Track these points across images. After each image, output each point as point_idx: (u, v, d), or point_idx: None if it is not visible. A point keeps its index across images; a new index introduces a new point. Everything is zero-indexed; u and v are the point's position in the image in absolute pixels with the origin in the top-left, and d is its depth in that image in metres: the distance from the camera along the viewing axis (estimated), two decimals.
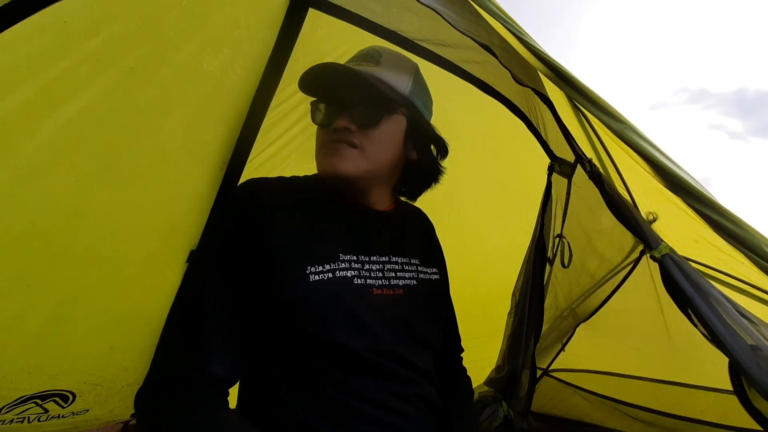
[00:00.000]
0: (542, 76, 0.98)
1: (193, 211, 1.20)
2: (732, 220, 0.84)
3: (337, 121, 0.72)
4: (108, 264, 1.12)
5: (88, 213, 1.00)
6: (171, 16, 0.88)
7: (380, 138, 0.75)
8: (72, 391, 1.27)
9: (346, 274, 0.70)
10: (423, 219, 0.96)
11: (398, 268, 0.77)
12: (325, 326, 0.66)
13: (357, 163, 0.72)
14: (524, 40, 0.83)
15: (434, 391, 0.77)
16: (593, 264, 1.46)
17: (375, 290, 0.72)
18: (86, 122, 0.87)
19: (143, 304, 1.28)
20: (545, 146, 1.20)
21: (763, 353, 0.81)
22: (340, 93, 0.74)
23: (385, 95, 0.73)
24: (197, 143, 1.10)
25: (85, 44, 0.80)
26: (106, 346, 1.26)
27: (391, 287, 0.74)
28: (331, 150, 0.72)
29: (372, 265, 0.73)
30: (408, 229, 0.85)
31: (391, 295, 0.73)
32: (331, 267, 0.69)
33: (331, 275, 0.68)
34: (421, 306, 0.77)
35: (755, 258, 0.85)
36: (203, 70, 0.98)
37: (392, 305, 0.72)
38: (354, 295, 0.69)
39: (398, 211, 0.86)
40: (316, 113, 0.77)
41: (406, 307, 0.74)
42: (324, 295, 0.66)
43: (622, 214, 0.99)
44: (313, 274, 0.67)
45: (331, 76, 0.73)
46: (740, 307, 0.93)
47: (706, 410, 1.38)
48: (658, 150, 0.88)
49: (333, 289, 0.67)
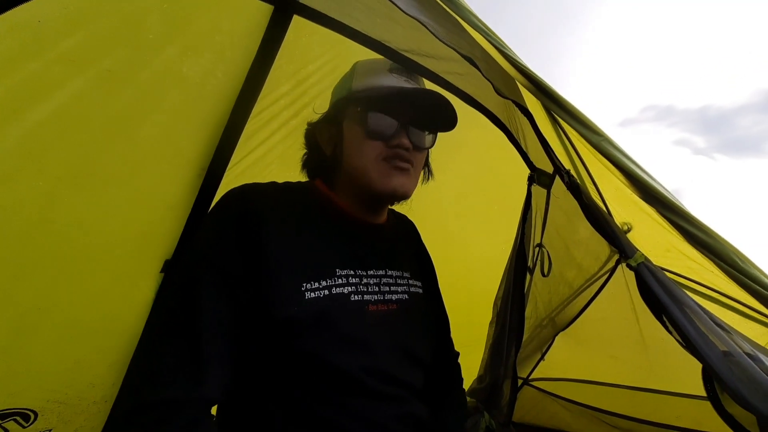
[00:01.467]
0: (522, 89, 1.01)
1: (169, 219, 1.17)
2: (703, 230, 0.88)
3: (402, 140, 0.73)
4: (77, 274, 1.07)
5: (57, 220, 0.96)
6: (151, 19, 0.86)
7: (423, 158, 0.81)
8: (34, 410, 1.19)
9: (342, 291, 0.68)
10: (410, 227, 0.97)
11: (392, 281, 0.77)
12: (319, 347, 0.64)
13: (414, 182, 0.78)
14: (506, 53, 0.85)
15: (424, 409, 0.77)
16: (571, 273, 1.49)
17: (371, 306, 0.71)
18: (57, 125, 0.84)
19: (114, 316, 1.22)
20: (525, 157, 1.23)
21: (734, 359, 0.84)
22: (435, 118, 0.77)
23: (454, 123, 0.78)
24: (175, 149, 1.07)
25: (59, 45, 0.77)
26: (71, 361, 1.20)
27: (386, 302, 0.74)
28: (399, 169, 0.74)
29: (369, 279, 0.73)
30: (400, 241, 0.85)
31: (385, 311, 0.73)
32: (327, 283, 0.67)
33: (327, 292, 0.66)
34: (412, 321, 0.78)
35: (725, 266, 0.88)
36: (183, 75, 0.96)
37: (386, 322, 0.72)
38: (349, 316, 0.68)
39: (390, 222, 0.86)
40: (382, 125, 0.73)
41: (399, 323, 0.74)
42: (319, 316, 0.64)
43: (599, 224, 1.02)
44: (309, 291, 0.65)
45: (429, 99, 0.76)
46: (712, 314, 0.96)
47: (680, 416, 1.42)
48: (633, 162, 0.91)
49: (328, 310, 0.65)
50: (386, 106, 0.73)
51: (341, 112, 0.78)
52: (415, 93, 0.75)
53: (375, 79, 0.76)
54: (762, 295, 0.84)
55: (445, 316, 0.97)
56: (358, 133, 0.74)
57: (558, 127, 1.17)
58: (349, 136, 0.76)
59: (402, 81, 0.76)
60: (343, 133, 0.77)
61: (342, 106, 0.78)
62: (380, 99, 0.73)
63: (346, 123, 0.77)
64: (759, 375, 0.80)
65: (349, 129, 0.76)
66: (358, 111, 0.75)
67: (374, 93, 0.74)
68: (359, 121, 0.74)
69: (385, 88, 0.75)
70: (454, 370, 0.96)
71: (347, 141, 0.76)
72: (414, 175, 0.78)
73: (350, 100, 0.77)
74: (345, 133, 0.77)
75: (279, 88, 1.11)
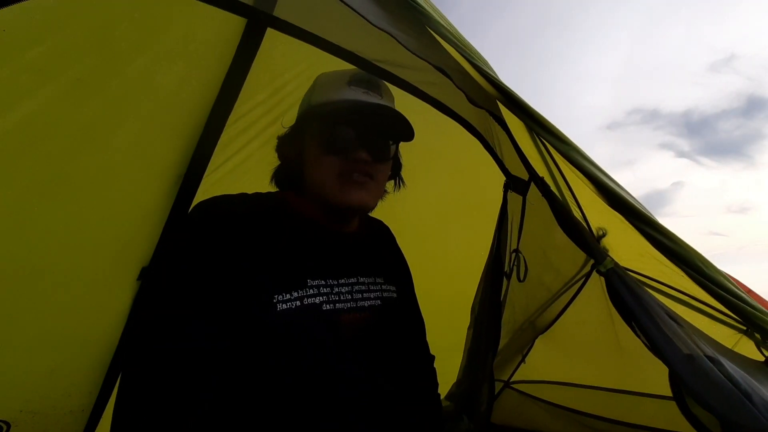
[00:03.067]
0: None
1: (146, 226, 1.16)
2: (668, 236, 0.90)
3: (360, 153, 0.74)
4: (50, 282, 1.06)
5: (28, 229, 0.95)
6: (122, 28, 0.85)
7: (386, 169, 0.82)
8: (6, 421, 1.17)
9: (314, 301, 0.68)
10: (384, 232, 0.96)
11: (365, 288, 0.77)
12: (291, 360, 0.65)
13: (374, 194, 0.78)
14: (476, 64, 0.87)
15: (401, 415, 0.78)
16: (549, 277, 1.52)
17: (343, 316, 0.71)
18: (26, 134, 0.83)
19: (90, 324, 1.21)
20: (501, 165, 1.25)
21: (696, 362, 0.86)
22: (388, 131, 0.79)
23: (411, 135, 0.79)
24: (150, 157, 1.07)
25: (25, 54, 0.76)
26: (46, 371, 1.18)
27: (358, 310, 0.74)
28: (357, 183, 0.74)
29: (341, 288, 0.73)
30: (373, 247, 0.85)
31: (357, 319, 0.73)
32: (299, 294, 0.67)
33: (299, 303, 0.66)
34: (386, 327, 0.78)
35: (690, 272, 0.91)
36: (157, 83, 0.96)
37: (360, 331, 0.73)
38: (322, 325, 0.68)
39: (362, 229, 0.87)
40: (337, 140, 0.74)
41: (373, 331, 0.75)
42: (291, 328, 0.65)
43: (570, 230, 1.04)
44: (281, 302, 0.65)
45: (381, 113, 0.76)
46: (677, 317, 0.98)
47: (654, 417, 1.45)
48: (600, 170, 0.93)
49: (300, 321, 0.66)
50: (342, 120, 0.74)
51: (302, 127, 0.79)
52: (369, 106, 0.75)
53: (333, 92, 0.76)
54: (725, 299, 0.87)
55: (420, 319, 0.97)
56: (316, 149, 0.75)
57: (535, 135, 1.19)
58: (309, 151, 0.76)
59: (360, 94, 0.76)
60: (301, 146, 0.78)
61: (302, 120, 0.79)
62: (335, 113, 0.74)
63: (306, 138, 0.77)
64: (719, 378, 0.83)
65: (309, 144, 0.77)
66: (315, 126, 0.76)
67: (330, 108, 0.74)
68: (317, 136, 0.75)
69: (341, 102, 0.74)
70: (430, 375, 0.97)
71: (307, 156, 0.77)
72: (374, 188, 0.78)
73: (309, 115, 0.77)
74: (306, 148, 0.77)
75: (255, 97, 1.11)
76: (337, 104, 0.74)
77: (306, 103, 0.79)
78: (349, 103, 0.73)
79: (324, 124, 0.74)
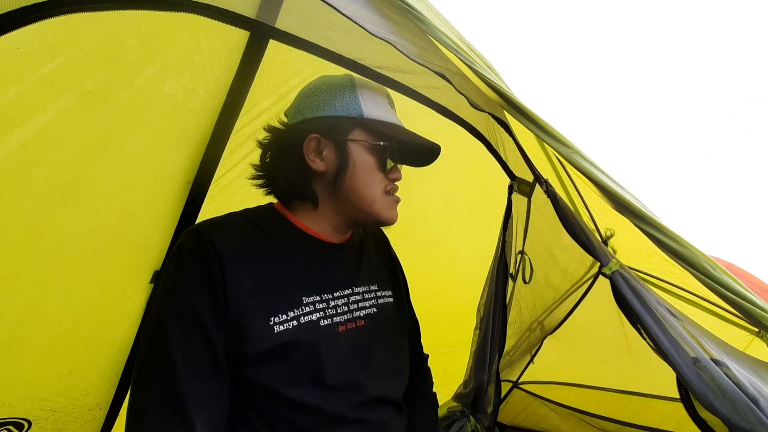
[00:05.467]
0: None
1: (157, 231, 1.19)
2: (674, 238, 0.89)
3: (399, 174, 0.79)
4: (65, 286, 1.10)
5: (44, 236, 0.99)
6: (130, 42, 0.88)
7: None
8: (27, 419, 1.22)
9: (311, 318, 0.69)
10: (377, 235, 0.95)
11: (360, 298, 0.78)
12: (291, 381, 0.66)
13: None
14: (475, 69, 0.87)
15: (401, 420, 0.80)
16: (557, 278, 1.51)
17: (340, 327, 0.72)
18: (41, 146, 0.87)
19: (105, 326, 1.25)
20: (505, 167, 1.25)
21: (702, 364, 0.85)
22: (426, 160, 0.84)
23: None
24: (160, 164, 1.10)
25: (39, 69, 0.80)
26: (64, 370, 1.23)
27: (354, 320, 0.75)
28: (396, 201, 0.80)
29: (337, 301, 0.73)
30: (365, 255, 0.85)
31: (353, 329, 0.74)
32: (295, 314, 0.67)
33: (295, 323, 0.67)
34: (382, 333, 0.79)
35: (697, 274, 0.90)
36: (164, 94, 0.98)
37: (356, 339, 0.73)
38: (320, 341, 0.69)
39: (355, 236, 0.86)
40: (389, 160, 0.77)
41: (369, 337, 0.76)
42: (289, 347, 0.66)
43: (574, 232, 1.03)
44: (277, 324, 0.65)
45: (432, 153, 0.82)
46: (684, 319, 0.97)
47: (664, 419, 1.44)
48: (604, 173, 0.92)
49: (298, 339, 0.66)
50: (396, 143, 0.77)
51: (346, 132, 0.74)
52: (424, 144, 0.80)
53: (384, 111, 0.77)
54: (733, 301, 0.85)
55: (414, 318, 0.98)
56: (369, 162, 0.75)
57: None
58: (359, 161, 0.74)
59: (397, 118, 0.81)
60: (350, 156, 0.74)
61: (349, 126, 0.74)
62: (393, 136, 0.75)
63: (355, 146, 0.74)
64: (725, 382, 0.82)
65: (359, 153, 0.74)
66: (372, 140, 0.75)
67: (388, 129, 0.75)
68: (373, 150, 0.75)
69: (394, 126, 0.77)
70: (424, 373, 0.99)
71: (357, 166, 0.74)
72: None
73: (362, 125, 0.75)
74: (354, 157, 0.74)
75: (260, 104, 1.13)
76: (392, 127, 0.77)
77: (354, 110, 0.74)
78: (402, 129, 0.78)
79: (384, 143, 0.75)
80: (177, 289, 0.64)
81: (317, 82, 0.79)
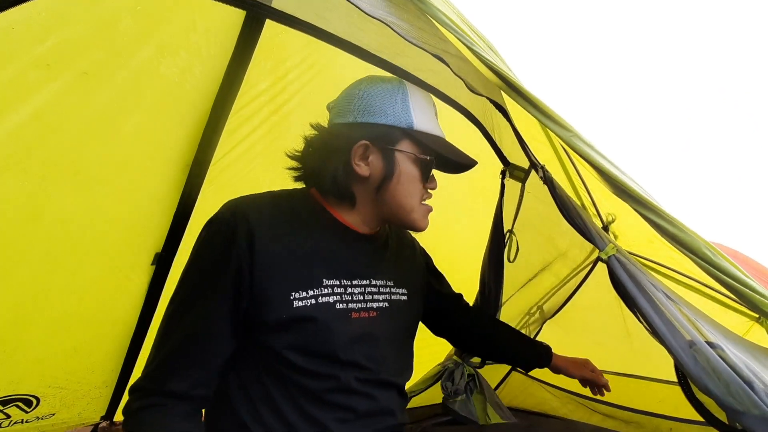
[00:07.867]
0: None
1: (157, 213, 1.20)
2: (674, 223, 0.88)
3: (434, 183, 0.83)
4: (68, 267, 1.12)
5: (44, 217, 1.00)
6: (125, 22, 0.87)
7: None
8: (35, 395, 1.26)
9: (328, 300, 0.73)
10: (403, 236, 0.98)
11: (375, 290, 0.81)
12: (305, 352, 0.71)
13: None
14: (474, 50, 0.85)
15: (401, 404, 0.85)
16: (557, 263, 1.51)
17: (353, 314, 0.76)
18: (38, 127, 0.87)
19: (107, 306, 1.27)
20: (498, 152, 1.24)
21: (697, 347, 0.86)
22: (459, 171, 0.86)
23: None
24: (158, 145, 1.10)
25: (33, 50, 0.79)
26: (69, 349, 1.26)
27: (367, 309, 0.78)
28: (428, 210, 0.83)
29: (354, 289, 0.77)
30: (388, 250, 0.88)
31: (366, 318, 0.78)
32: (314, 293, 0.72)
33: (314, 301, 0.71)
34: (390, 328, 0.82)
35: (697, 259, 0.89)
36: (161, 74, 0.98)
37: (366, 328, 0.77)
38: (334, 323, 0.73)
39: (383, 231, 0.89)
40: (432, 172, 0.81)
41: (378, 329, 0.79)
42: (305, 321, 0.70)
43: (571, 217, 1.02)
44: (297, 300, 0.70)
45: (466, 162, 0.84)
46: (681, 302, 0.97)
47: (662, 402, 1.45)
48: (604, 157, 0.91)
49: (313, 316, 0.70)
50: (441, 156, 0.79)
51: (395, 142, 0.76)
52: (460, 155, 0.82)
53: (431, 124, 0.80)
54: (733, 287, 0.85)
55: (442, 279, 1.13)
56: (414, 174, 0.78)
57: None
58: (405, 172, 0.77)
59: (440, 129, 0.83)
60: (396, 165, 0.76)
61: (398, 136, 0.76)
62: (439, 151, 0.78)
63: (401, 157, 0.76)
64: (719, 364, 0.82)
65: (405, 164, 0.77)
66: (420, 152, 0.77)
67: (435, 144, 0.78)
68: (419, 163, 0.78)
69: (441, 141, 0.81)
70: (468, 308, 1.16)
71: (402, 177, 0.77)
72: None
73: (411, 137, 0.77)
74: (400, 167, 0.76)
75: (258, 85, 1.12)
76: (440, 141, 0.80)
77: (404, 120, 0.76)
78: (447, 144, 0.82)
79: (431, 157, 0.78)
80: (208, 256, 0.70)
81: (368, 83, 0.80)
